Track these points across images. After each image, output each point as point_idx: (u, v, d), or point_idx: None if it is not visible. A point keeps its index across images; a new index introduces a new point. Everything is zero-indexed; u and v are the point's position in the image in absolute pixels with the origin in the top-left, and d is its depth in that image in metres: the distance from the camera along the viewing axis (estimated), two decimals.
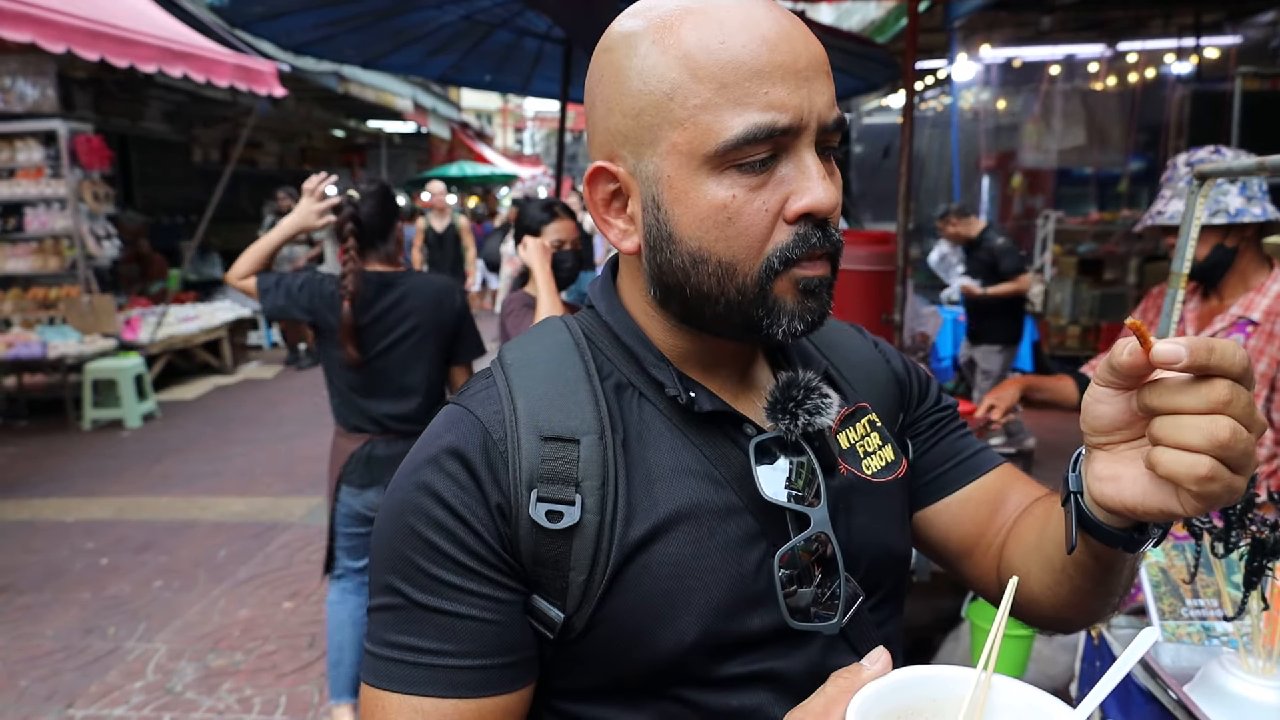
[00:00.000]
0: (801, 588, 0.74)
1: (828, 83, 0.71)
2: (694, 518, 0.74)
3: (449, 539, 0.72)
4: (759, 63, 0.67)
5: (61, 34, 5.21)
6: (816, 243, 0.71)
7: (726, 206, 0.70)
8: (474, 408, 0.77)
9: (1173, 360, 0.55)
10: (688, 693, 0.75)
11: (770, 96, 0.67)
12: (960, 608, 2.97)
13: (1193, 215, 1.59)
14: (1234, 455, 0.55)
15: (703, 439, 0.78)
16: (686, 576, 0.73)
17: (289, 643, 3.54)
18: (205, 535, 4.70)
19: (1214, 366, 0.55)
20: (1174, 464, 0.56)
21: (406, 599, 0.72)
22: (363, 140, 17.09)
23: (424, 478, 0.74)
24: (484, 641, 0.72)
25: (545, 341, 0.82)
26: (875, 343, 0.98)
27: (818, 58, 0.70)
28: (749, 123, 0.67)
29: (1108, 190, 8.93)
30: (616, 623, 0.73)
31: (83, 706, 3.08)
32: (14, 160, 7.32)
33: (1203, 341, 0.55)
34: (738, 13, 0.69)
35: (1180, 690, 1.38)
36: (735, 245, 0.70)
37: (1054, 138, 7.93)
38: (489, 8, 4.33)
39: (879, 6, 6.83)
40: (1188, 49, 7.28)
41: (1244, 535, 1.31)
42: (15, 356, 6.72)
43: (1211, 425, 0.55)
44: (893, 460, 0.87)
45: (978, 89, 8.47)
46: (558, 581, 0.73)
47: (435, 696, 0.71)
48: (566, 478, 0.73)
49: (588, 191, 0.78)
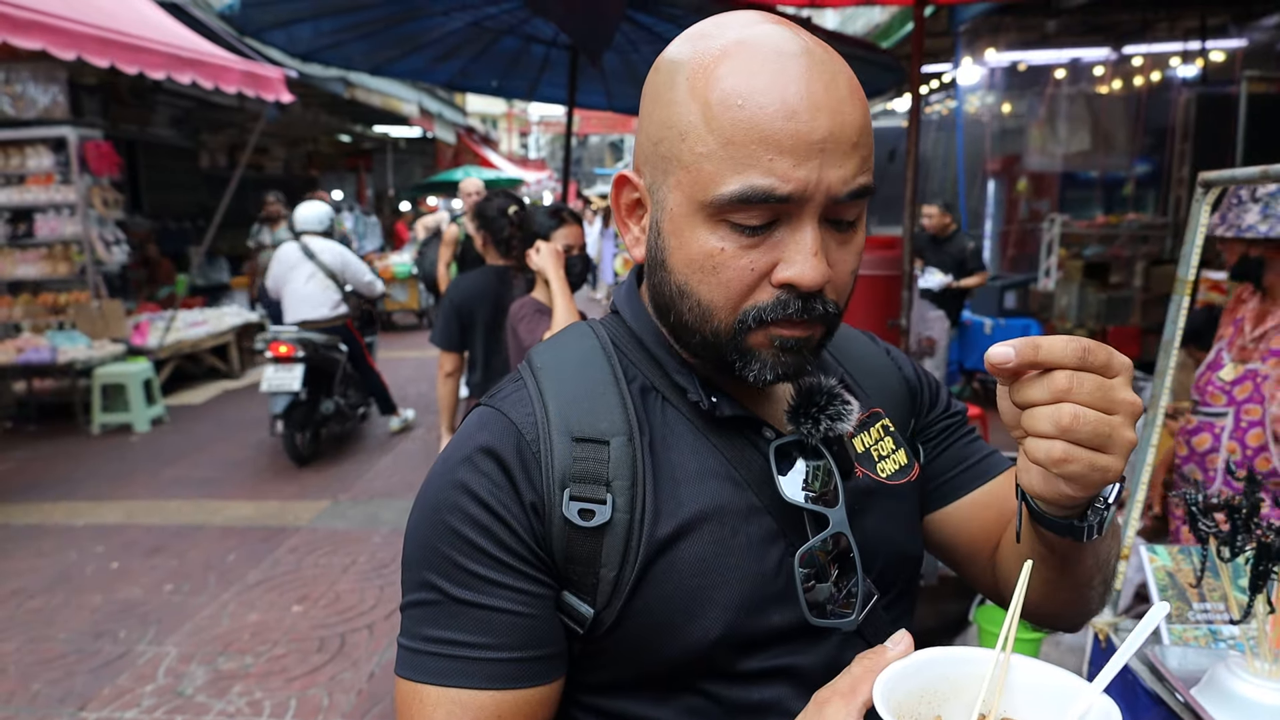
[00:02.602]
0: (820, 584, 0.77)
1: (849, 155, 0.70)
2: (717, 517, 0.77)
3: (486, 535, 0.74)
4: (771, 129, 0.67)
5: (72, 41, 5.25)
6: (794, 313, 0.72)
7: (713, 256, 0.71)
8: (506, 409, 0.79)
9: (1002, 361, 0.61)
10: (711, 686, 0.78)
11: (774, 165, 0.67)
12: (968, 611, 2.97)
13: (1198, 223, 1.60)
14: (1082, 436, 0.60)
15: (724, 442, 0.80)
16: (711, 573, 0.76)
17: (298, 646, 3.55)
18: (214, 539, 4.72)
19: (1044, 361, 0.61)
20: (1035, 450, 0.62)
21: (444, 594, 0.74)
22: (369, 145, 17.14)
23: (460, 476, 0.76)
24: (520, 635, 0.74)
25: (573, 346, 0.85)
26: (887, 350, 1.00)
27: (844, 129, 0.69)
28: (746, 184, 0.68)
29: (1113, 193, 8.92)
30: (644, 618, 0.75)
31: (94, 709, 3.10)
32: (24, 166, 7.36)
33: (1029, 341, 0.61)
34: (771, 69, 0.68)
35: (1187, 693, 1.39)
36: (715, 293, 0.73)
37: (1059, 141, 7.93)
38: (496, 15, 4.36)
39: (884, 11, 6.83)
40: (1193, 52, 7.27)
41: (1250, 539, 1.32)
42: (25, 361, 6.75)
43: (1055, 412, 0.60)
44: (906, 464, 0.89)
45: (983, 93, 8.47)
46: (589, 578, 0.75)
47: (473, 688, 0.73)
48: (598, 477, 0.75)
49: (614, 192, 0.81)
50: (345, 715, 3.08)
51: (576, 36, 4.22)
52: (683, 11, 3.99)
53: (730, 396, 0.81)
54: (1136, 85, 7.78)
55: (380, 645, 3.57)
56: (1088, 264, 7.81)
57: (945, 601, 3.00)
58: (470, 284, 3.46)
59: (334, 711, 3.10)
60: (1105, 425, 0.61)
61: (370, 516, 5.06)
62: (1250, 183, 1.43)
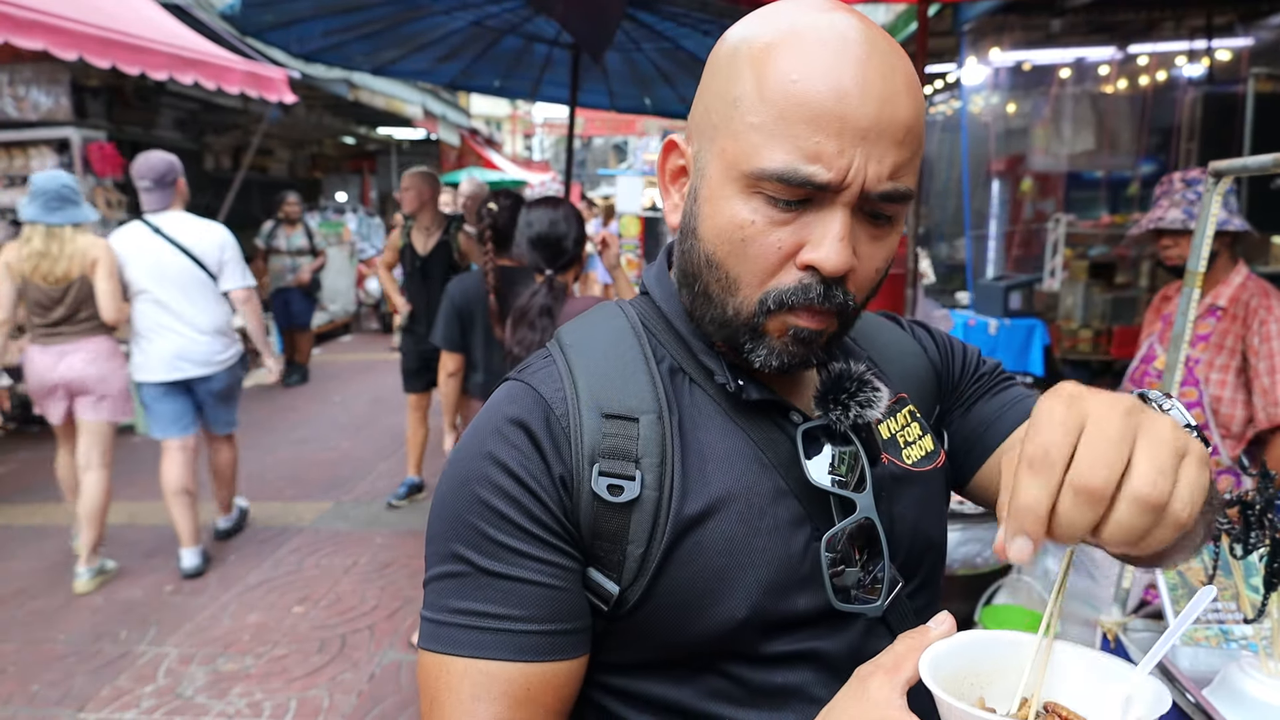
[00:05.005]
0: (850, 570, 0.77)
1: (893, 150, 0.69)
2: (745, 498, 0.77)
3: (515, 506, 0.74)
4: (821, 109, 0.67)
5: (73, 41, 5.24)
6: (815, 298, 0.72)
7: (743, 227, 0.72)
8: (535, 384, 0.80)
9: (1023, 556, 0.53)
10: (734, 668, 0.77)
11: (820, 146, 0.67)
12: (974, 612, 2.95)
13: (1208, 213, 1.57)
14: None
15: (750, 425, 0.81)
16: (738, 554, 0.76)
17: (299, 647, 3.54)
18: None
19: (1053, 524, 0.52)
20: (1115, 532, 0.53)
21: (472, 566, 0.74)
22: (373, 147, 17.16)
23: (490, 448, 0.76)
24: (548, 607, 0.74)
25: (603, 325, 0.85)
26: (912, 330, 0.98)
27: (892, 121, 0.68)
28: (787, 163, 0.68)
29: (1119, 193, 8.88)
30: (670, 597, 0.75)
31: (94, 710, 3.09)
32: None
33: (1013, 513, 0.53)
34: (831, 51, 0.68)
35: (1199, 694, 1.36)
36: (742, 267, 0.73)
37: (1064, 141, 7.89)
38: (497, 13, 4.35)
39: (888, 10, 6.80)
40: (1199, 51, 7.23)
41: (1263, 537, 1.29)
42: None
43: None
44: (932, 450, 0.88)
45: (987, 93, 8.43)
46: (615, 555, 0.75)
47: (500, 660, 0.73)
48: (627, 454, 0.75)
49: (661, 158, 0.82)
50: (346, 716, 3.06)
51: (578, 34, 4.20)
52: (684, 10, 3.97)
53: (758, 380, 0.81)
54: (1142, 84, 7.74)
55: (381, 646, 3.55)
56: (1093, 264, 7.77)
57: (951, 602, 2.97)
58: (470, 284, 3.45)
59: (334, 713, 3.08)
60: (1164, 479, 0.51)
61: (372, 518, 5.05)
62: (1261, 171, 1.41)
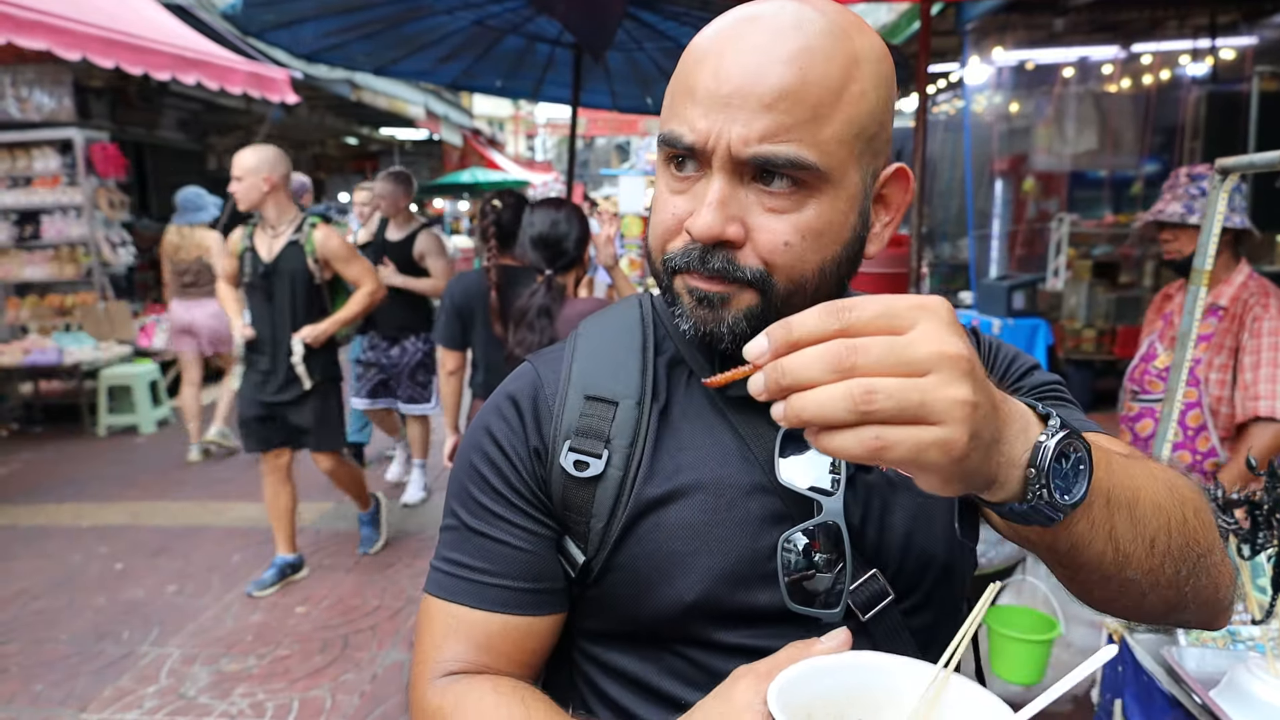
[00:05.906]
0: (821, 574, 0.76)
1: (764, 114, 0.68)
2: (714, 488, 0.80)
3: (494, 472, 0.84)
4: (692, 80, 0.72)
5: (76, 42, 5.24)
6: (692, 263, 0.74)
7: (656, 199, 0.78)
8: (539, 365, 0.88)
9: (758, 355, 0.53)
10: (690, 651, 0.82)
11: (689, 114, 0.72)
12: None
13: (1215, 211, 1.56)
14: (889, 414, 0.50)
15: (741, 419, 0.82)
16: (695, 540, 0.79)
17: (301, 647, 3.53)
18: (218, 540, 4.71)
19: (799, 339, 0.52)
20: (847, 445, 0.52)
21: (461, 522, 0.85)
22: (375, 148, 17.17)
23: (485, 419, 0.87)
24: (516, 566, 0.83)
25: (617, 316, 0.91)
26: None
27: (756, 86, 0.68)
28: (668, 129, 0.74)
29: (1122, 193, 8.85)
30: (626, 571, 0.81)
31: (96, 711, 3.09)
32: (31, 168, 7.38)
33: (778, 323, 0.53)
34: (730, 30, 0.72)
35: (1206, 695, 1.35)
36: (653, 234, 0.79)
37: (1067, 141, 7.87)
38: (499, 14, 4.34)
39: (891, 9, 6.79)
40: (1203, 50, 7.20)
41: (1271, 537, 1.28)
42: (32, 363, 6.76)
43: (847, 391, 0.50)
44: None
45: (990, 92, 8.41)
46: (581, 526, 0.82)
47: (468, 606, 0.83)
48: (599, 434, 0.81)
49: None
50: (348, 717, 3.06)
51: (580, 34, 4.20)
52: (685, 9, 3.96)
53: None
54: (1145, 84, 7.71)
55: (384, 646, 3.55)
56: (1097, 263, 7.76)
57: None
58: (470, 283, 3.44)
59: (336, 713, 3.08)
60: (914, 392, 0.49)
61: None
62: (1268, 168, 1.40)
